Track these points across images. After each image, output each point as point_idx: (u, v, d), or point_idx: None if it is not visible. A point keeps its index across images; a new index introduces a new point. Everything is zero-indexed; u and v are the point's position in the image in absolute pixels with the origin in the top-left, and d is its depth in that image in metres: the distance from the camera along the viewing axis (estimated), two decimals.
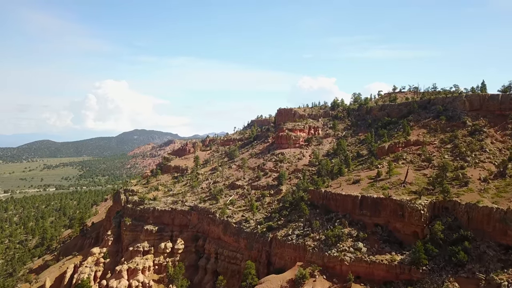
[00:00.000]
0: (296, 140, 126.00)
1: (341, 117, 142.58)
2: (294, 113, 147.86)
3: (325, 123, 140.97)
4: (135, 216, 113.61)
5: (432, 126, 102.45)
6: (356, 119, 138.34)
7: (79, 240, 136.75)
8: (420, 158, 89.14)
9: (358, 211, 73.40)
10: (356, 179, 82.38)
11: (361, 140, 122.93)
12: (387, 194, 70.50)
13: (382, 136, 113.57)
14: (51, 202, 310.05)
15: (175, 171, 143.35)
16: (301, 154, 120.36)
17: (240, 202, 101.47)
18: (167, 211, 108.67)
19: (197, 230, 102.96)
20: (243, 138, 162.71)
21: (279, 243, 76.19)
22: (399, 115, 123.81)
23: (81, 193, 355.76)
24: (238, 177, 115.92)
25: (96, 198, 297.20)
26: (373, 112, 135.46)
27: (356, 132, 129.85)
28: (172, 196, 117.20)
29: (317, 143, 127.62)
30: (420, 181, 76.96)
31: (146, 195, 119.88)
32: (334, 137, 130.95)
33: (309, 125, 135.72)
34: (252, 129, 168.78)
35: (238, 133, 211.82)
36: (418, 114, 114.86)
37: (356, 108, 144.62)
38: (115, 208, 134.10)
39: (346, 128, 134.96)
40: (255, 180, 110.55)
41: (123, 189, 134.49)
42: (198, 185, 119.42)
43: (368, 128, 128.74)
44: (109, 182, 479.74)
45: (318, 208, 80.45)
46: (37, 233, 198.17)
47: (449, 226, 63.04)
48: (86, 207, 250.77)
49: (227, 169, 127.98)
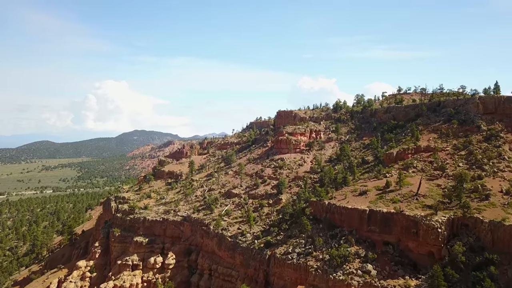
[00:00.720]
0: (296, 145, 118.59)
1: (344, 120, 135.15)
2: (294, 115, 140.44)
3: (327, 126, 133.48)
4: (125, 226, 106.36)
5: (444, 130, 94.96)
6: (360, 122, 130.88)
7: (67, 250, 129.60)
8: (432, 166, 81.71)
9: (366, 227, 66.00)
10: (362, 190, 74.95)
11: (365, 144, 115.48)
12: (398, 209, 63.11)
13: (388, 140, 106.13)
14: (46, 205, 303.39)
15: (169, 176, 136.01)
16: (302, 160, 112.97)
17: (237, 212, 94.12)
18: (159, 221, 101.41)
19: (190, 242, 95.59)
20: (241, 142, 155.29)
21: (278, 261, 68.80)
22: (406, 118, 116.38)
23: (78, 196, 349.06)
24: (234, 184, 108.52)
25: (92, 201, 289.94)
26: (378, 114, 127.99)
27: (360, 136, 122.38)
28: (165, 204, 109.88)
29: (319, 148, 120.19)
30: (434, 193, 69.52)
31: (137, 203, 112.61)
32: (337, 141, 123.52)
33: (310, 129, 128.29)
34: (250, 132, 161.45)
35: (236, 135, 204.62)
36: (427, 118, 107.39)
37: (359, 110, 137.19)
38: (105, 216, 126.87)
39: (350, 131, 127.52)
40: (253, 188, 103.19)
41: (114, 196, 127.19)
42: (192, 193, 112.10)
43: (373, 132, 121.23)
44: (107, 183, 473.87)
45: (321, 222, 73.03)
46: (28, 240, 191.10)
47: (471, 247, 55.60)
48: (80, 212, 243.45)
49: (224, 175, 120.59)
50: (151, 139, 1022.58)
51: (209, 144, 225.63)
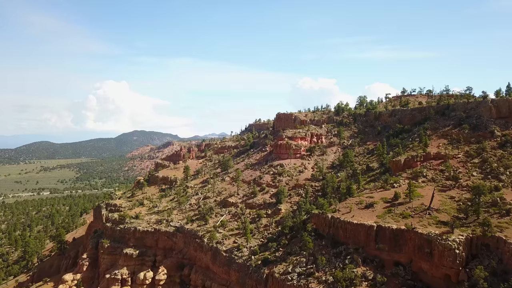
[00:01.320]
0: (296, 150, 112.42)
1: (346, 124, 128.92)
2: (294, 118, 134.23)
3: (329, 130, 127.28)
4: (115, 237, 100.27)
5: (454, 136, 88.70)
6: (364, 126, 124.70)
7: (57, 260, 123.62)
8: (443, 176, 75.48)
9: (374, 244, 59.81)
10: (369, 202, 68.75)
11: (370, 150, 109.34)
12: (409, 226, 56.88)
13: (394, 146, 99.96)
14: (42, 208, 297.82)
15: (163, 182, 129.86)
16: (302, 166, 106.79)
17: (233, 223, 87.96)
18: (150, 232, 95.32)
19: (183, 256, 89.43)
20: (238, 146, 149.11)
21: (276, 282, 62.61)
22: (412, 122, 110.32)
23: (75, 198, 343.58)
24: (231, 192, 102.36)
25: (88, 204, 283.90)
26: (383, 118, 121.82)
27: (364, 140, 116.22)
28: (157, 213, 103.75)
29: (320, 153, 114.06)
30: (448, 206, 63.31)
31: (128, 212, 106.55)
32: (340, 146, 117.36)
33: (311, 132, 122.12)
34: (248, 135, 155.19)
35: (234, 138, 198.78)
36: (435, 122, 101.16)
37: (363, 113, 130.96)
38: (95, 225, 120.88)
39: (353, 135, 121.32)
40: (250, 196, 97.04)
41: (105, 203, 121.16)
42: (186, 201, 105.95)
43: (378, 136, 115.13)
44: (105, 185, 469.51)
45: (324, 238, 66.83)
46: (19, 246, 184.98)
47: (493, 271, 49.40)
48: (75, 216, 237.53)
49: (220, 182, 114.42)
50: (150, 139, 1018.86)
51: (207, 147, 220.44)
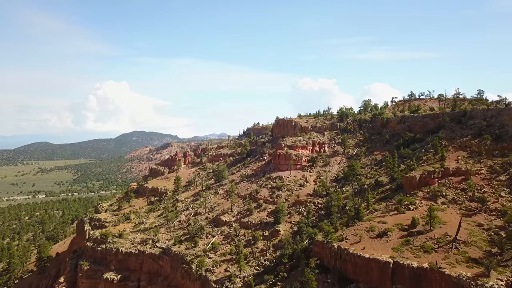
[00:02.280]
0: (297, 160, 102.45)
1: (351, 130, 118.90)
2: (294, 124, 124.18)
3: (332, 138, 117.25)
4: (96, 258, 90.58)
5: (475, 148, 78.73)
6: (370, 133, 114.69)
7: (36, 279, 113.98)
8: (466, 196, 65.53)
9: (390, 284, 49.89)
10: (382, 230, 58.77)
11: (377, 161, 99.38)
12: (435, 265, 46.94)
13: (405, 157, 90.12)
14: (35, 213, 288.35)
15: (153, 194, 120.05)
16: (303, 179, 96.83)
17: (225, 247, 78.02)
18: (134, 253, 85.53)
19: (170, 282, 79.56)
20: (235, 153, 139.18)
21: None
22: (424, 130, 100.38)
23: (69, 202, 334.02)
24: (224, 209, 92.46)
25: (81, 209, 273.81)
26: (391, 124, 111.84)
27: (370, 150, 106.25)
28: (143, 231, 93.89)
29: (323, 164, 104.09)
30: (477, 237, 53.34)
31: (111, 229, 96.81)
32: (344, 155, 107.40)
33: (313, 141, 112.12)
34: (245, 141, 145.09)
35: (231, 143, 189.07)
36: (451, 130, 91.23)
37: (369, 119, 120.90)
38: (78, 241, 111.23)
39: (358, 144, 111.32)
40: (246, 214, 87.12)
41: (89, 217, 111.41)
42: (176, 217, 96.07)
43: (386, 145, 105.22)
44: (103, 187, 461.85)
45: (330, 272, 56.92)
46: (4, 257, 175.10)
47: None
48: (65, 223, 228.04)
49: (213, 195, 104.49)
50: (150, 140, 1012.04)
51: (203, 151, 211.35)
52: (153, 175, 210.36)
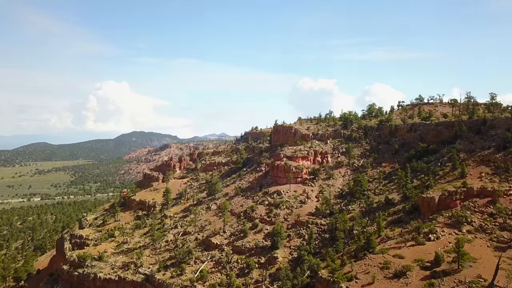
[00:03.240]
0: (297, 173, 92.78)
1: (356, 139, 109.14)
2: (294, 132, 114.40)
3: (336, 147, 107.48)
4: (72, 283, 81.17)
5: (500, 163, 69.07)
6: (377, 142, 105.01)
7: None
8: (496, 223, 55.89)
9: None
10: (399, 268, 48.95)
11: (386, 174, 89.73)
12: None
13: (418, 171, 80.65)
14: (28, 217, 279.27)
15: (140, 207, 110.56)
16: (304, 195, 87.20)
17: (215, 276, 68.42)
18: (114, 280, 76.01)
19: None
20: (230, 162, 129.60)
21: None
22: (437, 140, 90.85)
23: (65, 205, 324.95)
24: (216, 228, 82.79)
25: (76, 213, 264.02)
26: (400, 133, 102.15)
27: (378, 161, 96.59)
28: (126, 253, 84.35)
29: (326, 176, 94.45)
30: None
31: (90, 249, 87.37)
32: (349, 167, 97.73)
33: (315, 150, 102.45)
34: (242, 150, 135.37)
35: (228, 148, 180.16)
36: (469, 141, 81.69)
37: (375, 126, 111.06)
38: (58, 260, 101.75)
39: (364, 154, 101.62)
40: (239, 236, 77.49)
41: (69, 234, 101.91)
42: (162, 237, 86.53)
43: (395, 156, 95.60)
44: (100, 189, 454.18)
45: None
46: None
47: None
48: (56, 231, 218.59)
49: (205, 211, 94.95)
50: (150, 140, 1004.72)
51: (199, 156, 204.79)
52: (147, 181, 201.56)
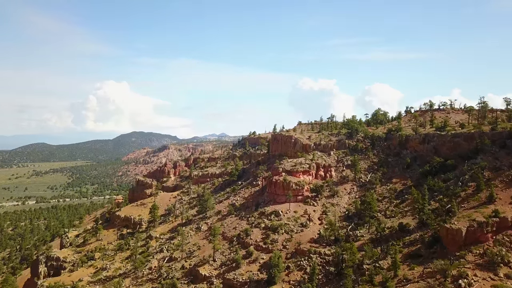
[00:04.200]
0: (298, 190, 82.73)
1: (362, 150, 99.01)
2: (294, 141, 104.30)
3: (340, 159, 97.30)
4: None
5: None
6: (385, 154, 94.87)
7: None
8: None
9: None
10: None
11: (398, 192, 79.68)
12: None
13: (435, 191, 70.71)
14: (20, 223, 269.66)
15: (125, 224, 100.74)
16: (305, 216, 77.22)
17: None
18: None
19: None
20: (224, 173, 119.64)
21: None
22: (455, 153, 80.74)
23: (59, 209, 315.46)
24: (205, 256, 72.74)
25: (69, 218, 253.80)
26: (411, 144, 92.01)
27: (387, 176, 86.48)
28: (103, 282, 74.49)
29: (330, 193, 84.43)
30: None
31: (65, 277, 77.59)
32: (355, 182, 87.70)
33: (317, 163, 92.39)
34: (237, 161, 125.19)
35: (224, 154, 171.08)
36: (494, 157, 71.66)
37: (383, 136, 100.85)
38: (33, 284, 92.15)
39: (372, 168, 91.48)
40: (231, 266, 67.51)
41: (45, 256, 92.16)
42: (145, 264, 76.60)
43: (407, 171, 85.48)
44: (97, 192, 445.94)
45: None
46: None
47: None
48: (45, 239, 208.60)
49: (194, 231, 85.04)
50: (149, 141, 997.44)
51: (195, 161, 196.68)
52: (140, 188, 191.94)
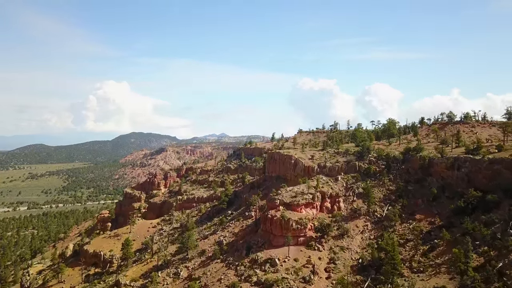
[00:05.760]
0: (299, 230, 66.56)
1: (375, 174, 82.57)
2: (295, 163, 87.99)
3: (349, 186, 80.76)
4: None
5: None
6: (404, 180, 78.31)
7: None
8: None
9: None
10: None
11: (424, 234, 63.55)
12: None
13: (476, 238, 54.82)
14: (7, 233, 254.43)
15: (94, 261, 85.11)
16: (309, 267, 61.15)
17: None
18: None
19: None
20: (213, 197, 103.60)
21: None
22: (494, 184, 64.51)
23: (49, 217, 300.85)
24: None
25: (57, 230, 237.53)
26: (437, 169, 75.49)
27: (409, 210, 70.09)
28: None
29: (338, 233, 68.29)
30: None
31: None
32: (369, 217, 71.49)
33: (322, 192, 76.11)
34: (227, 185, 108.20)
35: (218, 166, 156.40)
36: None
37: (400, 157, 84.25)
38: None
39: (388, 198, 75.19)
40: None
41: None
42: None
43: (434, 204, 69.21)
44: (92, 196, 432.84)
45: None
46: None
47: None
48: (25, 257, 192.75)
49: (171, 278, 69.26)
50: (148, 142, 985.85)
51: (188, 172, 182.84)
52: (128, 201, 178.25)
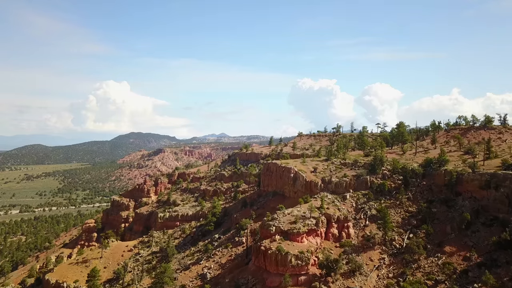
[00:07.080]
0: (299, 267, 53.08)
1: (391, 191, 69.02)
2: (294, 176, 74.38)
3: (360, 206, 67.26)
4: None
5: None
6: (427, 200, 64.91)
7: None
8: None
9: None
10: None
11: (458, 273, 50.22)
12: None
13: None
14: None
15: None
16: None
17: None
18: None
19: None
20: (198, 214, 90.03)
21: None
22: None
23: (40, 221, 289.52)
24: None
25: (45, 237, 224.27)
26: (467, 187, 61.95)
27: (435, 239, 56.68)
28: None
29: (348, 269, 54.82)
30: None
31: None
32: (385, 248, 58.08)
33: (327, 214, 62.62)
34: (216, 203, 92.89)
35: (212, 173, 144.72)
36: None
37: (420, 171, 70.47)
38: None
39: (408, 222, 61.76)
40: None
41: None
42: None
43: (466, 233, 55.84)
44: (87, 199, 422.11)
45: None
46: None
47: None
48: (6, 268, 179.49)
49: None
50: (147, 142, 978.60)
51: (180, 178, 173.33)
52: (115, 209, 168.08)
